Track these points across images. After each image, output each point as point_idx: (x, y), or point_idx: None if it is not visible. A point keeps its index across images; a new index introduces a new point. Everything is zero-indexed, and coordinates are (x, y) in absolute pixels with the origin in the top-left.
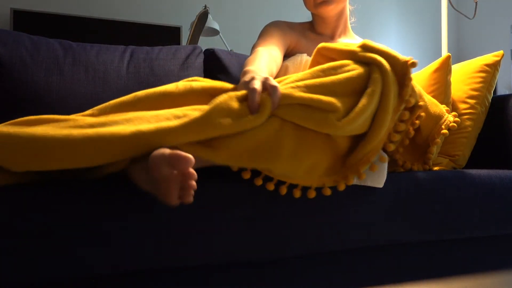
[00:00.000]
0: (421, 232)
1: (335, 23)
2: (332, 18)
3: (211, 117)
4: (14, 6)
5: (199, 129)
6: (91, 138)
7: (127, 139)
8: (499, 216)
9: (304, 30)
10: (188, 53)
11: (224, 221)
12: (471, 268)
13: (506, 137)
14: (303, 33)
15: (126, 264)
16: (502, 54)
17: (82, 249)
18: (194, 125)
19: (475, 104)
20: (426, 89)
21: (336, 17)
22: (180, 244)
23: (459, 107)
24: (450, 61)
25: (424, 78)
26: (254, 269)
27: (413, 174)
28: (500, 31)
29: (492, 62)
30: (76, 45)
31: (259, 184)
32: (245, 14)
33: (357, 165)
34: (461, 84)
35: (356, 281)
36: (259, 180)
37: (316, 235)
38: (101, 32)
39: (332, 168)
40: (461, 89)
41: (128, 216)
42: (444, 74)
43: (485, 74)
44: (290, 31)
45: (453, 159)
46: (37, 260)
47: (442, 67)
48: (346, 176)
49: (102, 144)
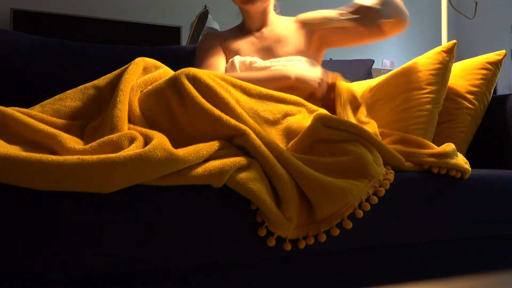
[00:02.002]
0: (421, 232)
1: (262, 16)
2: (258, 13)
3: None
4: (14, 6)
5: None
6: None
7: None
8: (499, 216)
9: (233, 32)
10: (189, 53)
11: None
12: (471, 268)
13: (506, 137)
14: (232, 36)
15: (126, 264)
16: (504, 53)
17: (77, 249)
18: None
19: (474, 99)
20: (427, 67)
21: (263, 11)
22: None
23: (458, 101)
24: (455, 48)
25: (427, 57)
26: (254, 269)
27: (413, 174)
28: (500, 31)
29: (494, 60)
30: (76, 45)
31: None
32: None
33: (329, 218)
34: (461, 80)
35: (356, 281)
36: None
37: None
38: (101, 32)
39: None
40: (461, 84)
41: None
42: (447, 57)
43: (486, 71)
44: (217, 42)
45: None
46: (37, 260)
47: (448, 50)
48: (319, 229)
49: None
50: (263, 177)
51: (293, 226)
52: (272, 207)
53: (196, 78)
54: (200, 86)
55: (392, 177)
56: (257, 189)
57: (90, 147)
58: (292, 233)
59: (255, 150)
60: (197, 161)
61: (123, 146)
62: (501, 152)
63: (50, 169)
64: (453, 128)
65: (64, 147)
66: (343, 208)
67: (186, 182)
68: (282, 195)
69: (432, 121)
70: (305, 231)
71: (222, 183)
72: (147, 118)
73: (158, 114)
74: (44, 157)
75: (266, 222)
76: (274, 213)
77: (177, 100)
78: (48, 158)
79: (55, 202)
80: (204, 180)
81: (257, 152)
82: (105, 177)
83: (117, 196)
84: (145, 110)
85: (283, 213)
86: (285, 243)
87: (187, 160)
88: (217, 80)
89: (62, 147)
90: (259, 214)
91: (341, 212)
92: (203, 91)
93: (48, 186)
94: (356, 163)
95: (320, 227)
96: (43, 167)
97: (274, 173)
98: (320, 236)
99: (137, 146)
